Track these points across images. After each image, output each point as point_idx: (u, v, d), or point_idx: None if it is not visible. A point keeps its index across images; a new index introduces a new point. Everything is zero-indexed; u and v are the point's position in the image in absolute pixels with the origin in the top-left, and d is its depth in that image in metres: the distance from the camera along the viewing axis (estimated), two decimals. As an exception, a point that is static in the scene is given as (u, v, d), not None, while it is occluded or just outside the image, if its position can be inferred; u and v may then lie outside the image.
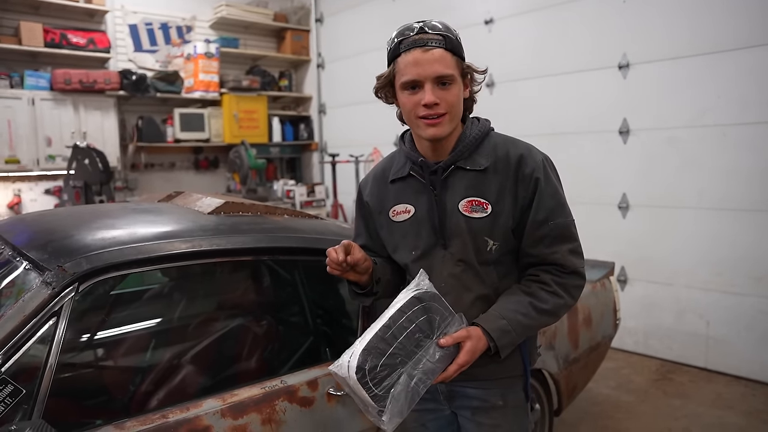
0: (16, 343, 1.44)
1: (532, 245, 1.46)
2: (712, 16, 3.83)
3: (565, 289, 1.46)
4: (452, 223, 1.47)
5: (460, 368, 1.33)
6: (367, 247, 1.65)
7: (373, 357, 1.26)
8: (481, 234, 1.46)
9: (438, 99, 1.37)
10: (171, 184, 6.38)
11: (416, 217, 1.52)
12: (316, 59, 7.26)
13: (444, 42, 1.37)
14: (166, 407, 1.62)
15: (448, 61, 1.37)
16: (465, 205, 1.46)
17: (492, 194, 1.45)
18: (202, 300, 2.35)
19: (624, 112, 4.32)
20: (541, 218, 1.44)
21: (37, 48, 5.39)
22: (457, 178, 1.47)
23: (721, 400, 3.61)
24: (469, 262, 1.48)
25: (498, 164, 1.46)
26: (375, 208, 1.62)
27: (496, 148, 1.48)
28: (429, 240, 1.51)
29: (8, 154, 5.24)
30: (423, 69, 1.35)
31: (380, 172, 1.65)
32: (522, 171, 1.44)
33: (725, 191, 3.87)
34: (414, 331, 1.31)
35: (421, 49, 1.36)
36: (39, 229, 1.91)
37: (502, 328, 1.38)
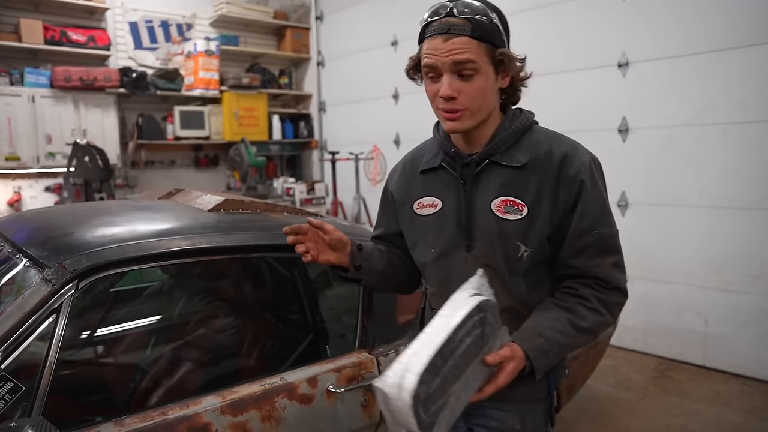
0: (15, 340, 1.44)
1: (573, 256, 1.32)
2: (712, 14, 3.83)
3: (606, 307, 1.31)
4: (481, 223, 1.33)
5: (497, 389, 1.19)
6: (383, 238, 1.59)
7: (429, 377, 1.07)
8: (514, 238, 1.30)
9: (456, 92, 1.25)
10: (171, 182, 6.38)
11: (443, 212, 1.39)
12: (316, 57, 7.26)
13: (470, 27, 1.22)
14: (165, 404, 1.62)
15: (471, 48, 1.22)
16: (498, 205, 1.31)
17: (529, 195, 1.30)
18: (202, 297, 2.36)
19: (623, 110, 4.33)
20: (585, 226, 1.30)
21: (37, 45, 5.39)
22: (491, 174, 1.33)
23: (719, 397, 3.62)
24: (496, 268, 1.32)
25: (538, 162, 1.31)
26: (399, 198, 1.51)
27: (538, 143, 1.33)
28: (451, 239, 1.37)
29: (8, 152, 5.24)
30: (440, 58, 1.24)
31: (410, 161, 1.53)
32: (565, 171, 1.29)
33: (724, 189, 3.88)
34: (469, 346, 1.14)
35: (443, 36, 1.23)
36: (39, 226, 1.91)
37: (539, 348, 1.24)
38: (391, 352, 2.00)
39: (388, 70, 6.13)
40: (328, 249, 1.39)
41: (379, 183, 6.43)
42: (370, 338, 2.00)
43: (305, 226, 1.36)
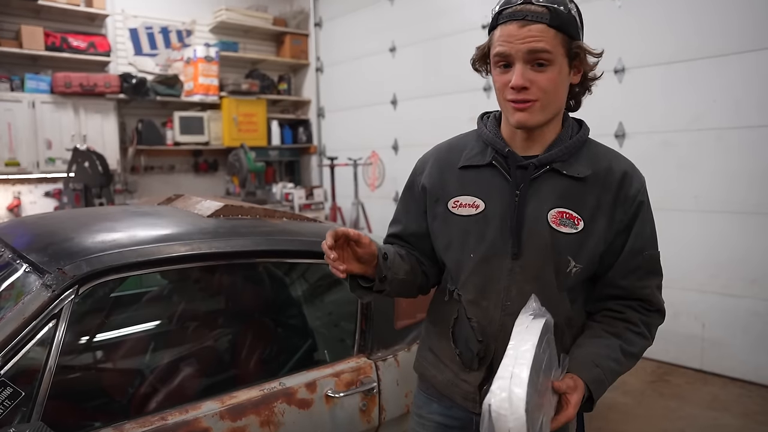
0: (15, 345, 1.44)
1: (623, 276, 1.28)
2: (707, 20, 3.86)
3: (649, 330, 1.30)
4: (533, 232, 1.25)
5: (568, 421, 1.15)
6: (402, 237, 1.47)
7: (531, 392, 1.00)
8: (566, 253, 1.24)
9: (528, 82, 1.17)
10: (170, 187, 6.40)
11: (485, 214, 1.29)
12: (314, 63, 7.29)
13: (549, 16, 1.16)
14: (165, 409, 1.64)
15: (548, 38, 1.15)
16: (554, 216, 1.24)
17: (587, 210, 1.24)
18: (201, 303, 2.37)
19: (620, 116, 4.35)
20: (638, 247, 1.27)
21: (37, 51, 5.41)
22: (549, 182, 1.25)
23: (717, 401, 3.63)
24: (546, 282, 1.25)
25: (599, 177, 1.25)
26: (432, 194, 1.38)
27: (598, 158, 1.28)
28: (495, 245, 1.28)
29: (8, 157, 5.26)
30: (514, 45, 1.16)
31: (445, 153, 1.41)
32: (625, 191, 1.25)
33: (721, 194, 3.90)
34: (548, 364, 1.11)
35: (519, 22, 1.16)
36: (39, 231, 1.92)
37: (598, 379, 1.21)
38: (390, 356, 2.01)
39: (386, 76, 6.16)
40: (355, 260, 1.26)
41: (378, 188, 6.45)
42: (368, 343, 2.01)
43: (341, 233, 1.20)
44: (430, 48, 5.55)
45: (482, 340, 1.31)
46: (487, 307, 1.30)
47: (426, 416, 1.47)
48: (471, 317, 1.32)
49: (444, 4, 5.52)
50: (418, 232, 1.44)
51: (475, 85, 5.07)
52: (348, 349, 2.03)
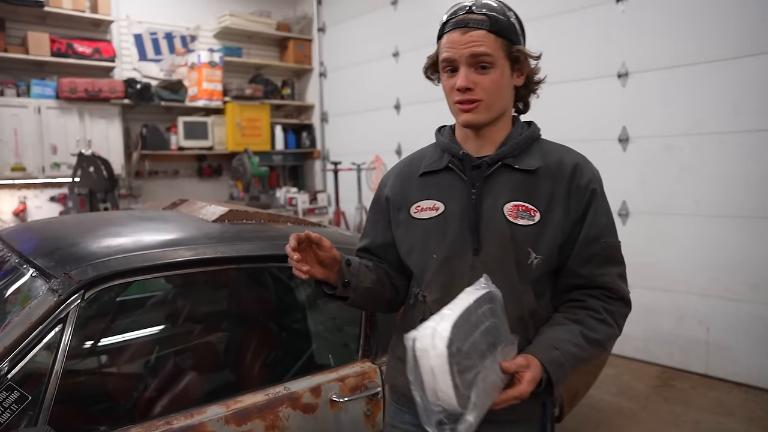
0: (22, 349, 1.46)
1: (581, 264, 1.31)
2: (710, 25, 3.86)
3: (613, 317, 1.30)
4: (492, 227, 1.29)
5: (520, 396, 1.14)
6: (370, 250, 1.51)
7: (460, 340, 1.02)
8: (525, 244, 1.28)
9: (472, 84, 1.25)
10: (174, 192, 6.42)
11: (445, 215, 1.34)
12: (318, 68, 7.31)
13: (488, 22, 1.24)
14: (170, 413, 1.64)
15: (488, 42, 1.24)
16: (511, 209, 1.29)
17: (542, 201, 1.29)
18: (206, 307, 2.38)
19: (623, 120, 4.35)
20: (594, 235, 1.30)
21: (43, 57, 5.45)
22: (503, 178, 1.31)
23: (722, 406, 3.61)
24: (506, 274, 1.28)
25: (551, 169, 1.31)
26: (395, 203, 1.44)
27: (549, 152, 1.34)
28: (456, 243, 1.32)
29: (14, 162, 5.29)
30: (457, 50, 1.25)
31: (406, 166, 1.48)
32: (578, 181, 1.30)
33: (723, 198, 3.89)
34: (487, 331, 1.11)
35: (462, 30, 1.25)
36: (45, 236, 1.94)
37: (556, 360, 1.21)
38: (393, 361, 2.01)
39: (389, 81, 6.18)
40: (317, 264, 1.31)
41: (382, 193, 6.45)
42: (373, 348, 2.01)
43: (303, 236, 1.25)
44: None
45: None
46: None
47: (399, 426, 1.47)
48: None
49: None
50: (384, 243, 1.49)
51: (479, 90, 5.07)
52: (352, 353, 2.04)
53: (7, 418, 1.38)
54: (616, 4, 4.31)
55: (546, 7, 4.77)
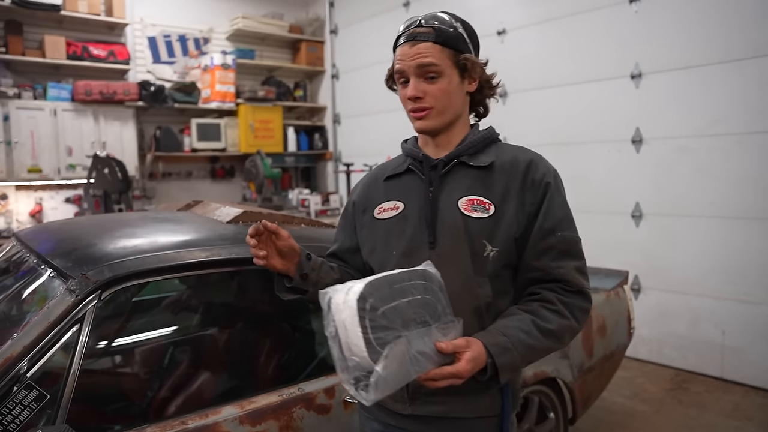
0: (41, 349, 1.48)
1: (536, 257, 1.32)
2: (723, 26, 3.83)
3: (570, 310, 1.30)
4: (447, 221, 1.34)
5: (454, 378, 1.14)
6: (337, 255, 1.56)
7: (376, 299, 1.07)
8: (480, 236, 1.31)
9: (421, 93, 1.33)
10: (188, 193, 6.47)
11: (404, 213, 1.40)
12: (330, 70, 7.33)
13: (434, 34, 1.32)
14: (185, 414, 1.66)
15: (434, 53, 1.31)
16: (465, 203, 1.33)
17: (496, 194, 1.33)
18: (220, 308, 2.39)
19: (637, 121, 4.33)
20: (549, 227, 1.32)
21: (59, 60, 5.51)
22: (458, 175, 1.37)
23: (738, 410, 3.57)
24: (461, 266, 1.31)
25: (505, 165, 1.36)
26: (360, 207, 1.52)
27: (504, 152, 1.39)
28: (414, 239, 1.36)
29: (31, 164, 5.35)
30: (406, 62, 1.34)
31: (374, 175, 1.57)
32: (531, 175, 1.34)
33: (738, 200, 3.86)
34: (416, 303, 1.12)
35: (410, 43, 1.34)
36: (63, 237, 1.96)
37: (502, 345, 1.21)
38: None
39: (402, 82, 6.16)
40: (277, 255, 1.38)
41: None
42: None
43: (261, 227, 1.33)
44: (446, 54, 5.55)
45: None
46: None
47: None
48: None
49: (458, 11, 5.49)
50: (351, 247, 1.54)
51: (491, 91, 5.06)
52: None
53: (26, 417, 1.40)
54: (630, 5, 4.29)
55: (559, 9, 4.75)
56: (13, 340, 1.45)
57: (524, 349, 1.24)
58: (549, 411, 2.62)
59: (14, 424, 1.38)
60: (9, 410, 1.38)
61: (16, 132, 5.24)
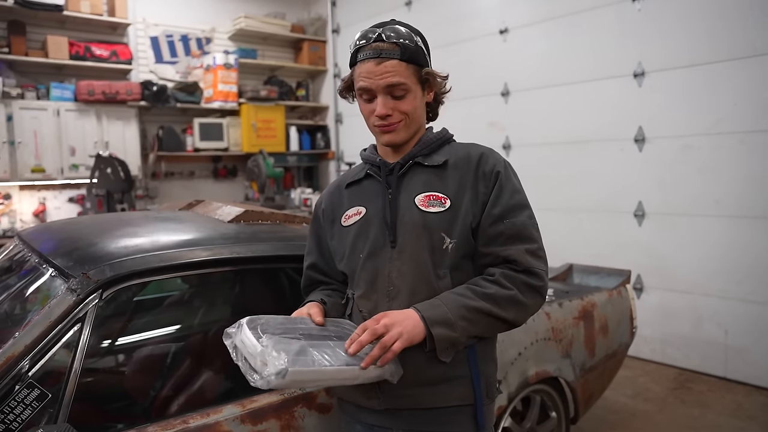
0: (42, 348, 1.48)
1: (486, 243, 1.36)
2: (727, 23, 3.82)
3: (512, 282, 1.31)
4: (406, 218, 1.39)
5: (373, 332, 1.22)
6: (317, 266, 1.61)
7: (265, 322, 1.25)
8: (438, 229, 1.36)
9: (390, 110, 1.37)
10: (190, 193, 6.48)
11: (366, 217, 1.45)
12: (332, 69, 7.33)
13: (400, 52, 1.35)
14: (186, 413, 1.66)
15: (401, 71, 1.35)
16: (422, 200, 1.39)
17: (451, 189, 1.39)
18: (222, 307, 2.39)
19: (640, 120, 4.31)
20: (497, 213, 1.36)
21: (62, 60, 5.53)
22: (414, 175, 1.44)
23: (741, 410, 3.56)
24: (421, 261, 1.36)
25: (458, 162, 1.43)
26: (327, 218, 1.57)
27: (457, 150, 1.46)
28: (377, 239, 1.42)
29: (34, 164, 5.37)
30: (374, 81, 1.35)
31: (335, 184, 1.62)
32: (483, 167, 1.40)
33: (742, 199, 3.84)
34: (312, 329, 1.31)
35: (375, 60, 1.35)
36: (64, 236, 1.96)
37: (431, 303, 1.29)
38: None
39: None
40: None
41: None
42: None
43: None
44: (447, 54, 5.54)
45: None
46: (376, 299, 1.41)
47: None
48: (362, 310, 1.43)
49: (461, 11, 5.52)
50: (329, 260, 1.59)
51: (493, 90, 5.07)
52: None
53: (28, 415, 1.40)
54: (633, 3, 4.28)
55: (561, 7, 4.74)
56: (15, 339, 1.46)
57: (455, 304, 1.28)
58: (551, 410, 2.61)
59: (16, 423, 1.38)
60: (11, 409, 1.39)
61: (20, 132, 5.26)
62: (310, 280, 1.64)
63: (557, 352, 2.53)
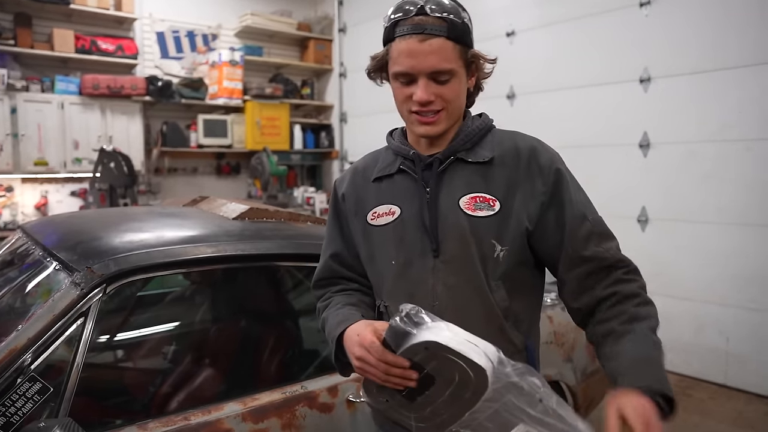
0: (45, 341, 1.48)
1: (583, 246, 1.20)
2: (734, 30, 3.81)
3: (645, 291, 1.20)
4: (449, 224, 1.21)
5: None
6: (341, 257, 1.39)
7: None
8: (488, 236, 1.20)
9: (433, 96, 1.17)
10: (193, 189, 6.47)
11: (402, 219, 1.26)
12: (338, 68, 7.33)
13: (447, 29, 1.15)
14: (188, 409, 1.65)
15: (448, 52, 1.15)
16: (467, 202, 1.21)
17: (500, 190, 1.21)
18: (225, 304, 2.39)
19: (645, 125, 4.31)
20: (579, 213, 1.21)
21: (68, 54, 5.52)
22: (456, 172, 1.25)
23: (741, 418, 3.55)
24: (471, 272, 1.21)
25: (505, 157, 1.24)
26: (350, 207, 1.36)
27: (502, 141, 1.27)
28: (415, 246, 1.24)
29: (37, 157, 5.36)
30: (417, 62, 1.15)
31: (360, 169, 1.40)
32: (537, 162, 1.22)
33: (746, 206, 3.83)
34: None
35: (418, 37, 1.14)
36: (69, 230, 1.96)
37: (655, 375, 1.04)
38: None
39: (409, 82, 6.15)
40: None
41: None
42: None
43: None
44: (454, 55, 5.53)
45: None
46: None
47: None
48: None
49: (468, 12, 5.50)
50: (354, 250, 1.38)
51: (499, 93, 5.06)
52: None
53: (29, 409, 1.40)
54: (640, 9, 4.27)
55: (568, 11, 4.73)
56: (18, 332, 1.45)
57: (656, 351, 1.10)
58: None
59: (17, 416, 1.38)
60: (12, 402, 1.38)
61: (23, 125, 5.25)
62: (330, 272, 1.41)
63: (559, 356, 2.53)
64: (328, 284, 1.42)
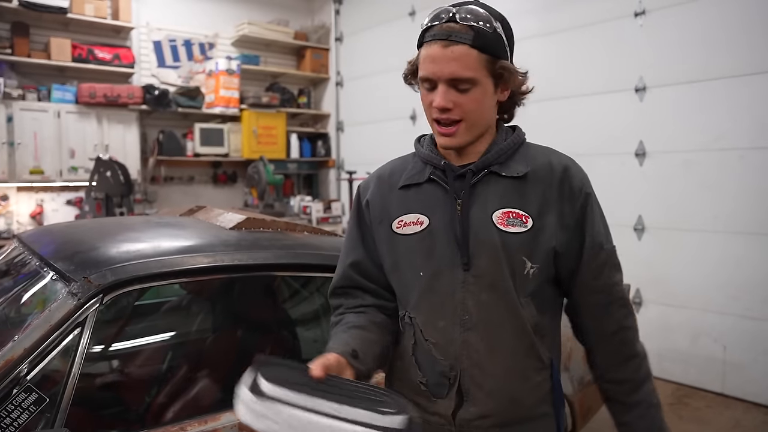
0: (41, 352, 1.47)
1: (596, 275, 1.24)
2: (729, 40, 3.84)
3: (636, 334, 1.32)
4: (481, 238, 1.20)
5: None
6: (361, 265, 1.35)
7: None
8: (519, 253, 1.19)
9: (451, 104, 1.16)
10: (189, 198, 6.46)
11: (430, 230, 1.24)
12: (335, 77, 7.35)
13: (472, 37, 1.13)
14: (184, 420, 1.65)
15: (470, 60, 1.14)
16: (500, 217, 1.20)
17: (533, 206, 1.21)
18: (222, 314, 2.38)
19: (640, 134, 4.33)
20: (598, 243, 1.23)
21: (65, 63, 5.53)
22: (489, 186, 1.23)
23: (739, 427, 3.55)
24: (502, 288, 1.19)
25: (539, 173, 1.23)
26: (375, 215, 1.33)
27: (536, 156, 1.27)
28: (444, 259, 1.22)
29: (33, 165, 5.35)
30: (438, 68, 1.15)
31: (386, 175, 1.36)
32: (569, 183, 1.23)
33: (742, 214, 3.85)
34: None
35: (442, 43, 1.14)
36: (65, 240, 1.95)
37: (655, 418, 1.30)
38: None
39: (406, 92, 6.02)
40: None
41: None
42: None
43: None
44: (450, 64, 5.57)
45: (446, 362, 1.23)
46: (444, 327, 1.23)
47: None
48: (429, 339, 1.24)
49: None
50: (376, 259, 1.35)
51: (495, 102, 5.08)
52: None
53: (25, 420, 1.39)
54: (635, 19, 4.31)
55: (563, 21, 4.77)
56: (14, 343, 1.45)
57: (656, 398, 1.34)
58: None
59: (13, 427, 1.37)
60: (8, 413, 1.38)
61: (20, 133, 5.24)
62: (349, 282, 1.37)
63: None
64: (345, 294, 1.38)
